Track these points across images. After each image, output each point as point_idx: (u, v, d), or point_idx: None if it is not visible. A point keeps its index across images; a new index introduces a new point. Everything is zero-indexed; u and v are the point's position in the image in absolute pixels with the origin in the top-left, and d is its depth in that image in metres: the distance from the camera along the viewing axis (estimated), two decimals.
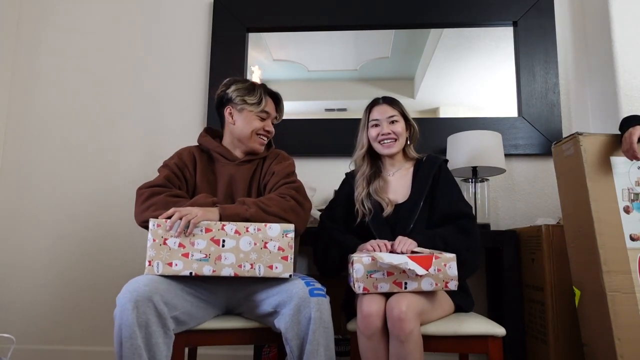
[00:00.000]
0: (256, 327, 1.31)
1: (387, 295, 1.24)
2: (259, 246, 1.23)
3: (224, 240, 1.22)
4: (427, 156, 1.59)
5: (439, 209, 1.47)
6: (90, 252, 2.22)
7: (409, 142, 1.61)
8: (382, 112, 1.56)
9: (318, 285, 1.26)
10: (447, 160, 1.59)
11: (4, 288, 2.23)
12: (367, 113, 1.61)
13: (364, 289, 1.23)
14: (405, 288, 1.22)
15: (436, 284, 1.22)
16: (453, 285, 1.22)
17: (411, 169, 1.58)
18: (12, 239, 2.27)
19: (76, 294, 2.20)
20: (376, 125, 1.57)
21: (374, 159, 1.62)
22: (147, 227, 1.32)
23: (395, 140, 1.55)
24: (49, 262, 2.23)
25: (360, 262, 1.23)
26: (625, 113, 1.83)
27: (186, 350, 1.40)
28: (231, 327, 1.30)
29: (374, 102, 1.61)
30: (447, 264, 1.22)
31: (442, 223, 1.45)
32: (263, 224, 1.25)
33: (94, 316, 2.17)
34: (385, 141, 1.55)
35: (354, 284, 1.23)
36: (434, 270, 1.21)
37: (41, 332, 2.18)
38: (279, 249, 1.24)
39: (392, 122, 1.55)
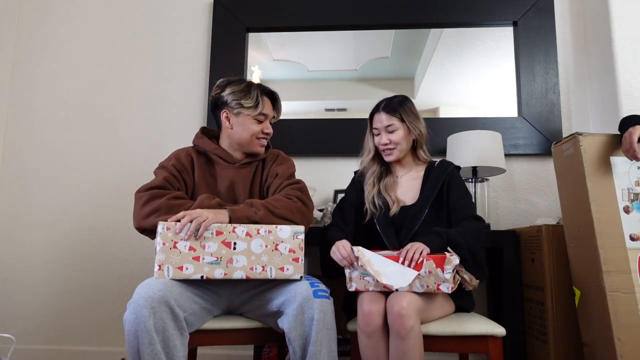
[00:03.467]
0: (256, 327, 1.31)
1: (387, 295, 1.25)
2: (270, 248, 1.23)
3: (235, 243, 1.22)
4: (440, 161, 1.57)
5: (450, 214, 1.47)
6: (89, 252, 2.23)
7: (417, 145, 1.57)
8: (380, 121, 1.53)
9: (322, 286, 1.26)
10: (459, 167, 1.57)
11: (4, 288, 2.23)
12: (370, 119, 1.59)
13: (356, 288, 1.29)
14: (397, 290, 1.24)
15: (427, 286, 1.22)
16: (445, 288, 1.23)
17: (422, 172, 1.56)
18: (12, 239, 2.27)
19: (76, 294, 2.20)
20: (378, 134, 1.55)
21: (383, 160, 1.60)
22: (144, 232, 1.31)
23: (394, 148, 1.53)
24: (49, 262, 2.23)
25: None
26: (625, 113, 1.83)
27: None
28: (231, 327, 1.30)
29: (375, 109, 1.57)
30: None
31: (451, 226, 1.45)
32: (274, 226, 1.25)
33: (94, 316, 2.17)
34: (385, 150, 1.54)
35: (347, 283, 1.29)
36: (425, 272, 1.21)
37: (41, 332, 2.18)
38: (290, 250, 1.25)
39: (390, 131, 1.52)
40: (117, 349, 2.11)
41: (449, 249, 1.30)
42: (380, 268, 1.25)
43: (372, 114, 1.58)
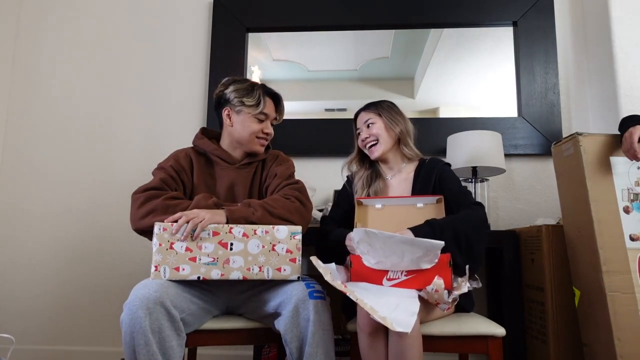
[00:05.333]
0: (256, 327, 1.31)
1: None
2: (267, 249, 1.23)
3: (231, 244, 1.22)
4: (430, 159, 1.56)
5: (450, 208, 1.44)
6: (89, 252, 2.22)
7: (401, 141, 1.56)
8: (360, 120, 1.59)
9: (318, 287, 1.26)
10: (449, 164, 1.56)
11: (3, 288, 2.23)
12: (354, 123, 1.64)
13: None
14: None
15: (427, 299, 1.23)
16: (442, 309, 1.25)
17: (412, 173, 1.55)
18: (12, 239, 2.27)
19: (76, 294, 2.20)
20: (359, 133, 1.59)
21: (372, 163, 1.61)
22: (143, 233, 1.31)
23: (376, 141, 1.54)
24: (48, 262, 2.23)
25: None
26: (625, 113, 1.83)
27: (186, 350, 1.40)
28: (231, 327, 1.30)
29: (356, 113, 1.63)
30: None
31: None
32: (271, 226, 1.25)
33: (93, 316, 2.17)
34: (367, 145, 1.56)
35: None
36: (432, 289, 1.20)
37: (41, 332, 2.18)
38: (287, 251, 1.24)
39: (368, 125, 1.55)
40: (116, 349, 2.10)
41: (463, 275, 1.28)
42: (377, 297, 1.16)
43: (355, 117, 1.63)
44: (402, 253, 1.21)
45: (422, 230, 1.28)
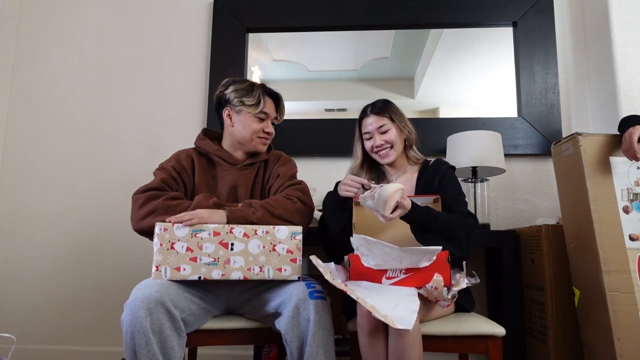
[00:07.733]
0: (256, 327, 1.31)
1: None
2: (268, 249, 1.23)
3: (232, 244, 1.22)
4: (435, 160, 1.56)
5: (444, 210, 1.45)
6: (90, 252, 2.23)
7: (408, 144, 1.57)
8: (371, 124, 1.53)
9: (319, 287, 1.26)
10: (454, 167, 1.55)
11: (4, 288, 2.23)
12: (359, 125, 1.59)
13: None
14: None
15: (426, 297, 1.23)
16: (442, 305, 1.25)
17: (416, 174, 1.55)
18: (13, 238, 2.27)
19: (77, 293, 2.20)
20: (369, 138, 1.55)
21: (375, 166, 1.61)
22: (143, 233, 1.32)
23: (391, 147, 1.52)
24: (49, 262, 2.23)
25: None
26: (625, 113, 1.83)
27: (186, 350, 1.40)
28: (231, 327, 1.30)
29: (363, 114, 1.57)
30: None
31: None
32: (271, 226, 1.25)
33: (94, 316, 2.18)
34: (381, 152, 1.53)
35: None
36: (432, 287, 1.21)
37: (42, 332, 2.18)
38: (288, 251, 1.24)
39: (383, 132, 1.52)
40: (117, 349, 2.11)
41: (461, 272, 1.29)
42: (377, 295, 1.17)
43: (360, 120, 1.58)
44: (401, 259, 1.22)
45: (418, 209, 1.29)
